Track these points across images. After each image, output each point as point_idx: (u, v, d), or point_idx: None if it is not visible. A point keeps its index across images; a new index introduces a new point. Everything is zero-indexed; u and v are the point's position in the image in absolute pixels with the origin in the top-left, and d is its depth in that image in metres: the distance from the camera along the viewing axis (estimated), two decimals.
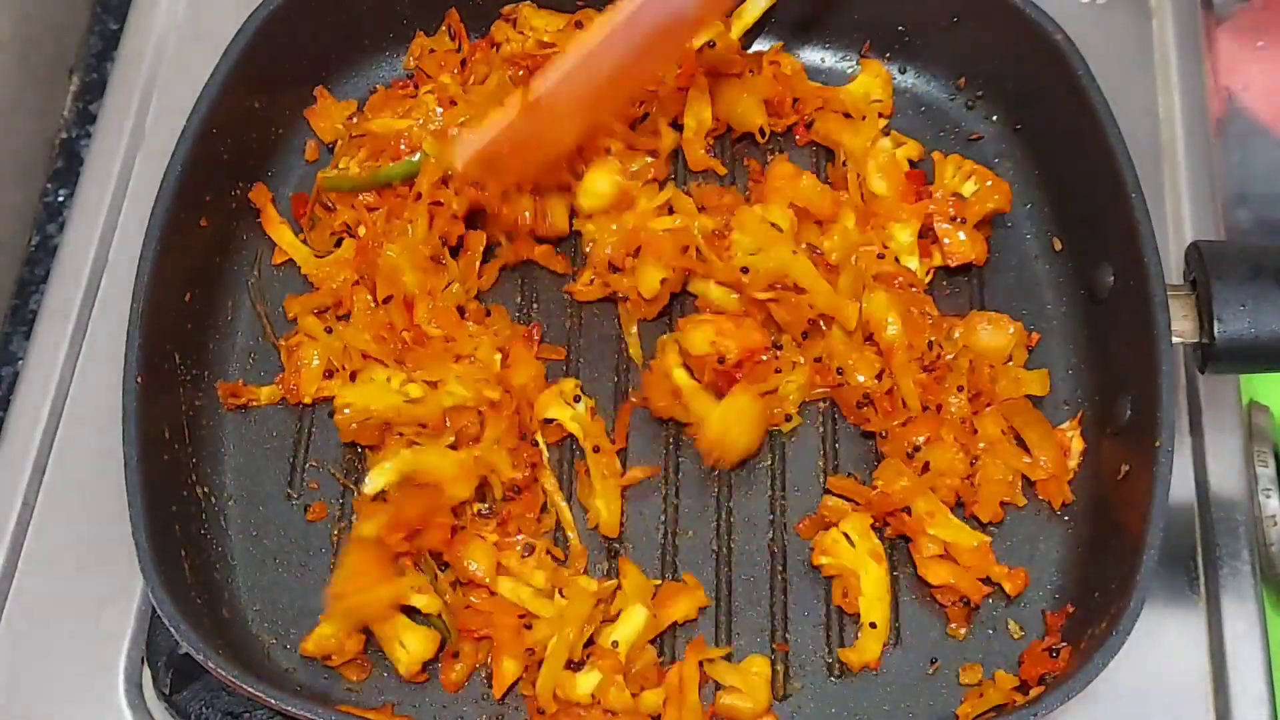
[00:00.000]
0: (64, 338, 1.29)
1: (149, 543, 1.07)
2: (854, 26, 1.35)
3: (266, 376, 1.24)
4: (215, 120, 1.22)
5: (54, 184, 1.51)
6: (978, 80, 1.33)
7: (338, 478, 1.20)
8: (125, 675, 1.16)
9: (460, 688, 1.12)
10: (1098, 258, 1.22)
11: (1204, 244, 1.14)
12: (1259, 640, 1.17)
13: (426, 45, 1.35)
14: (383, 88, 1.36)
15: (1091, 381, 1.20)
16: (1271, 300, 1.10)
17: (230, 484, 1.20)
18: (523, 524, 1.16)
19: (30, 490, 1.23)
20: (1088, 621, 1.09)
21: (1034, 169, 1.31)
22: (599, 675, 1.09)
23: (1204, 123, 1.38)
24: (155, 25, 1.45)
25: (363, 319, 1.22)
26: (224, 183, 1.27)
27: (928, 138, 1.33)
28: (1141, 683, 1.15)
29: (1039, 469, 1.17)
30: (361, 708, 1.11)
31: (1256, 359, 1.12)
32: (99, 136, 1.40)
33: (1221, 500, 1.22)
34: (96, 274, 1.32)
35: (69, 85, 1.56)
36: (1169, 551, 1.19)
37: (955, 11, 1.30)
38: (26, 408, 1.27)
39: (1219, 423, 1.26)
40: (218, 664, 1.04)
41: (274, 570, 1.17)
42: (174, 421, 1.17)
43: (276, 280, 1.28)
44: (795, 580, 1.17)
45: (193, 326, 1.22)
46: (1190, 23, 1.43)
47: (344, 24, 1.33)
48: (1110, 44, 1.38)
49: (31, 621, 1.18)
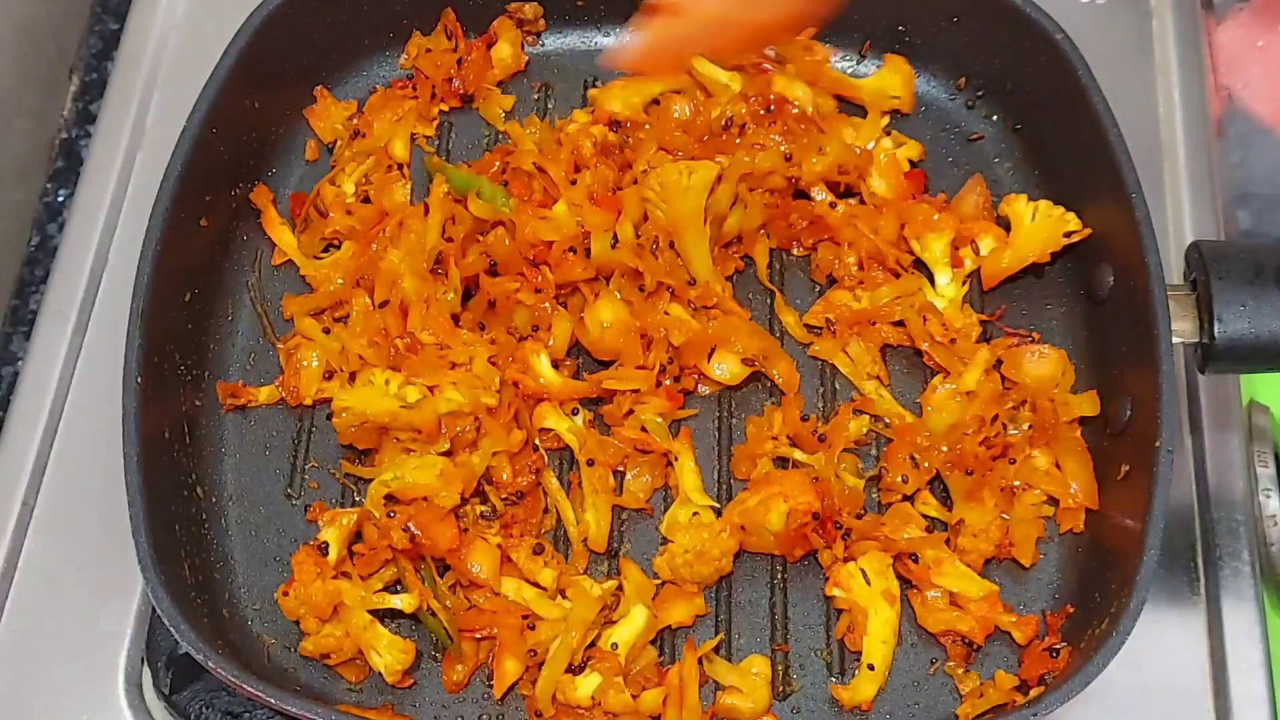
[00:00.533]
0: (64, 338, 1.29)
1: (149, 543, 1.07)
2: (854, 26, 1.35)
3: (266, 377, 1.24)
4: (215, 120, 1.22)
5: (54, 184, 1.51)
6: (978, 80, 1.33)
7: (337, 478, 1.20)
8: (125, 675, 1.16)
9: (462, 688, 1.12)
10: (1098, 258, 1.22)
11: (1204, 244, 1.14)
12: (1259, 640, 1.17)
13: (423, 45, 1.35)
14: (382, 88, 1.36)
15: (1091, 382, 1.20)
16: (1271, 300, 1.10)
17: (230, 484, 1.20)
18: (525, 527, 1.16)
19: (30, 490, 1.23)
20: (1088, 621, 1.09)
21: (1034, 169, 1.31)
22: (599, 678, 1.09)
23: (1204, 123, 1.38)
24: (155, 25, 1.45)
25: (361, 322, 1.22)
26: (224, 183, 1.27)
27: (928, 138, 1.33)
28: (1141, 683, 1.15)
29: (1070, 497, 1.16)
30: (361, 708, 1.11)
31: (1256, 359, 1.12)
32: (99, 136, 1.40)
33: (1221, 500, 1.22)
34: (96, 274, 1.32)
35: (69, 85, 1.56)
36: (1169, 551, 1.19)
37: (955, 11, 1.30)
38: (26, 408, 1.27)
39: (1219, 423, 1.26)
40: (218, 664, 1.04)
41: (274, 570, 1.17)
42: (174, 421, 1.17)
43: (276, 280, 1.28)
44: (795, 579, 1.16)
45: (193, 326, 1.22)
46: (1190, 23, 1.43)
47: (344, 24, 1.33)
48: (1110, 44, 1.38)
49: (31, 621, 1.18)
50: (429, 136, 1.34)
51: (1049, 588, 1.16)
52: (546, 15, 1.37)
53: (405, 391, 1.14)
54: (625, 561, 1.16)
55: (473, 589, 1.13)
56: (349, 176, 1.31)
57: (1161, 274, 1.12)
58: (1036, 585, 1.16)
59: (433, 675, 1.13)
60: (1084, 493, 1.15)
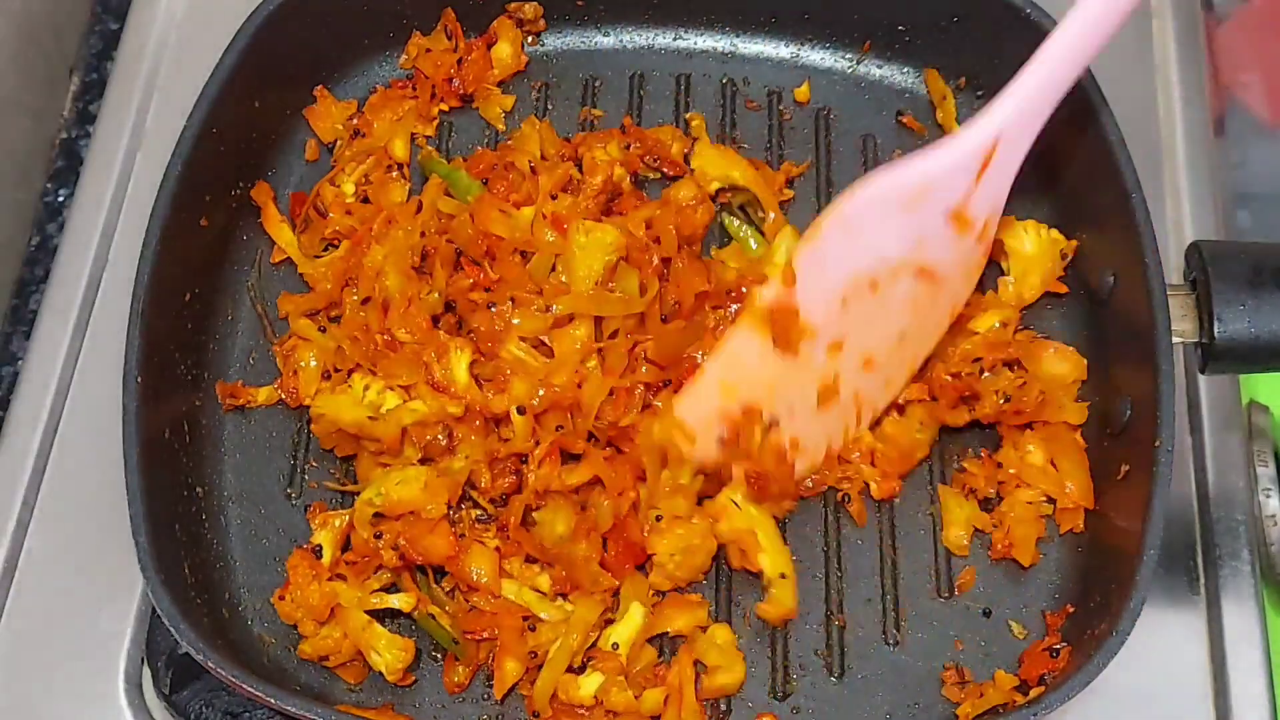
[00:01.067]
0: (64, 338, 1.29)
1: (149, 543, 1.07)
2: (854, 26, 1.35)
3: (266, 377, 1.24)
4: (215, 120, 1.22)
5: (54, 184, 1.51)
6: (978, 80, 1.33)
7: (336, 478, 1.20)
8: (125, 675, 1.17)
9: (463, 689, 1.12)
10: (1098, 258, 1.22)
11: (1204, 244, 1.14)
12: (1259, 640, 1.17)
13: (423, 45, 1.35)
14: (382, 88, 1.36)
15: (1091, 381, 1.20)
16: (1271, 300, 1.10)
17: (230, 484, 1.20)
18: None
19: (30, 490, 1.23)
20: (1088, 621, 1.09)
21: (1034, 169, 1.30)
22: (601, 677, 1.09)
23: (1204, 123, 1.38)
24: (155, 25, 1.45)
25: (352, 321, 1.22)
26: (224, 182, 1.26)
27: (928, 137, 1.33)
28: (1141, 683, 1.15)
29: (1065, 497, 1.16)
30: (361, 707, 1.11)
31: (1256, 359, 1.12)
32: (99, 136, 1.40)
33: (1221, 500, 1.22)
34: (96, 274, 1.32)
35: (69, 85, 1.56)
36: (1169, 551, 1.19)
37: (955, 11, 1.30)
38: (26, 408, 1.27)
39: (1219, 423, 1.26)
40: (218, 664, 1.04)
41: (274, 570, 1.17)
42: (174, 421, 1.17)
43: (276, 280, 1.28)
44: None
45: (193, 326, 1.22)
46: (1190, 23, 1.43)
47: (344, 24, 1.33)
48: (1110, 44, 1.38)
49: (31, 621, 1.18)
50: (429, 136, 1.34)
51: (1049, 588, 1.16)
52: (546, 15, 1.37)
53: (380, 399, 1.14)
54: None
55: (472, 591, 1.13)
56: (349, 176, 1.31)
57: (1161, 274, 1.12)
58: (1036, 585, 1.16)
59: (433, 675, 1.13)
60: (1080, 492, 1.16)
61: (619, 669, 1.09)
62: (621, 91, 1.37)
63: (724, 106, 1.36)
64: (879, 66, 1.36)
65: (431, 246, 1.22)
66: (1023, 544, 1.15)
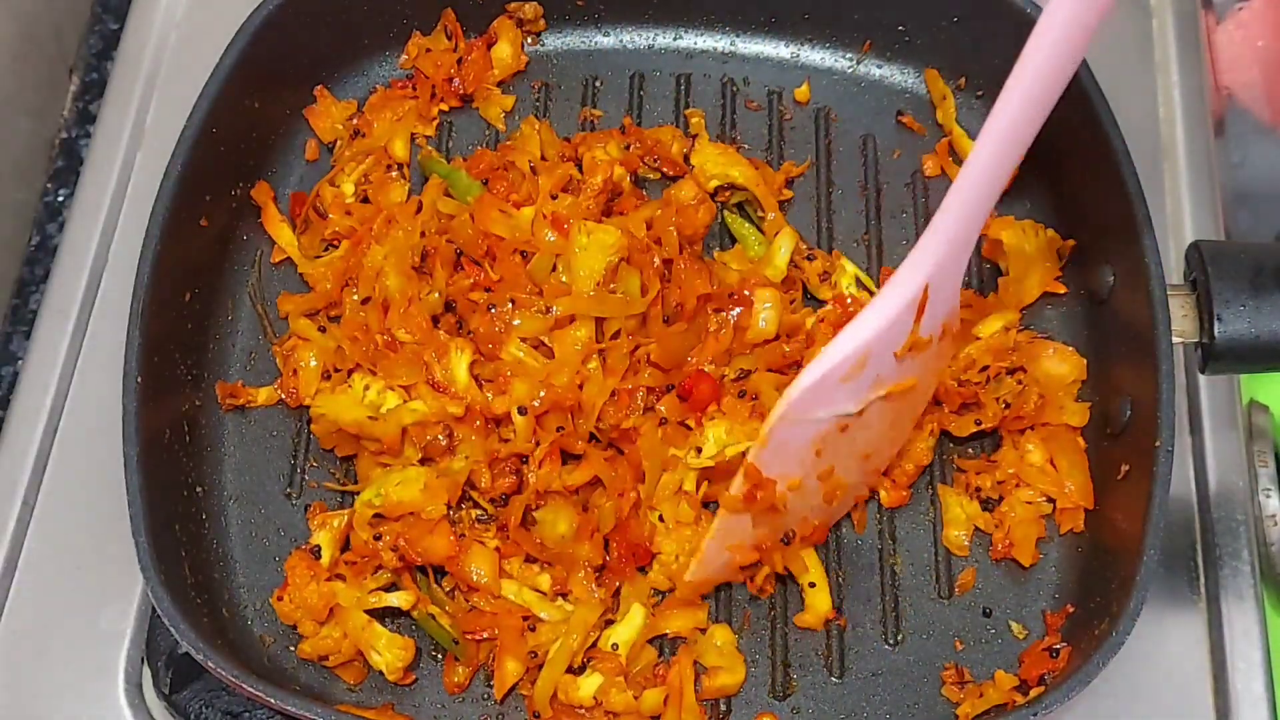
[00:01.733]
0: (64, 338, 1.29)
1: (149, 543, 1.07)
2: (854, 26, 1.35)
3: (266, 377, 1.24)
4: (215, 120, 1.22)
5: (54, 184, 1.51)
6: (978, 80, 1.33)
7: (336, 478, 1.20)
8: (125, 675, 1.17)
9: (463, 689, 1.12)
10: (1098, 258, 1.22)
11: (1204, 244, 1.14)
12: (1259, 640, 1.17)
13: (423, 45, 1.35)
14: (382, 88, 1.36)
15: (1091, 382, 1.20)
16: (1271, 300, 1.10)
17: (230, 484, 1.20)
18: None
19: (30, 490, 1.23)
20: (1088, 621, 1.09)
21: (1034, 169, 1.31)
22: (601, 678, 1.09)
23: (1204, 123, 1.38)
24: (155, 25, 1.45)
25: (353, 321, 1.22)
26: (224, 182, 1.27)
27: (928, 137, 1.33)
28: (1141, 683, 1.15)
29: (1065, 497, 1.16)
30: (361, 707, 1.11)
31: (1256, 359, 1.12)
32: (99, 136, 1.40)
33: (1221, 500, 1.22)
34: (96, 274, 1.32)
35: (69, 85, 1.56)
36: (1169, 551, 1.19)
37: (955, 11, 1.30)
38: (26, 408, 1.27)
39: (1219, 423, 1.26)
40: (218, 664, 1.04)
41: (274, 570, 1.17)
42: (174, 421, 1.17)
43: (276, 280, 1.28)
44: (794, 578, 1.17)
45: (193, 326, 1.22)
46: (1190, 23, 1.43)
47: (344, 24, 1.33)
48: (1110, 44, 1.38)
49: (31, 621, 1.18)
50: (429, 136, 1.34)
51: (1049, 588, 1.16)
52: (546, 15, 1.37)
53: (380, 399, 1.14)
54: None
55: (472, 591, 1.13)
56: (349, 176, 1.31)
57: (1161, 274, 1.12)
58: (1036, 585, 1.16)
59: (433, 675, 1.13)
60: (1079, 492, 1.16)
61: (619, 669, 1.09)
62: (621, 91, 1.37)
63: (724, 106, 1.36)
64: (879, 66, 1.36)
65: (431, 246, 1.22)
66: (1023, 544, 1.15)
